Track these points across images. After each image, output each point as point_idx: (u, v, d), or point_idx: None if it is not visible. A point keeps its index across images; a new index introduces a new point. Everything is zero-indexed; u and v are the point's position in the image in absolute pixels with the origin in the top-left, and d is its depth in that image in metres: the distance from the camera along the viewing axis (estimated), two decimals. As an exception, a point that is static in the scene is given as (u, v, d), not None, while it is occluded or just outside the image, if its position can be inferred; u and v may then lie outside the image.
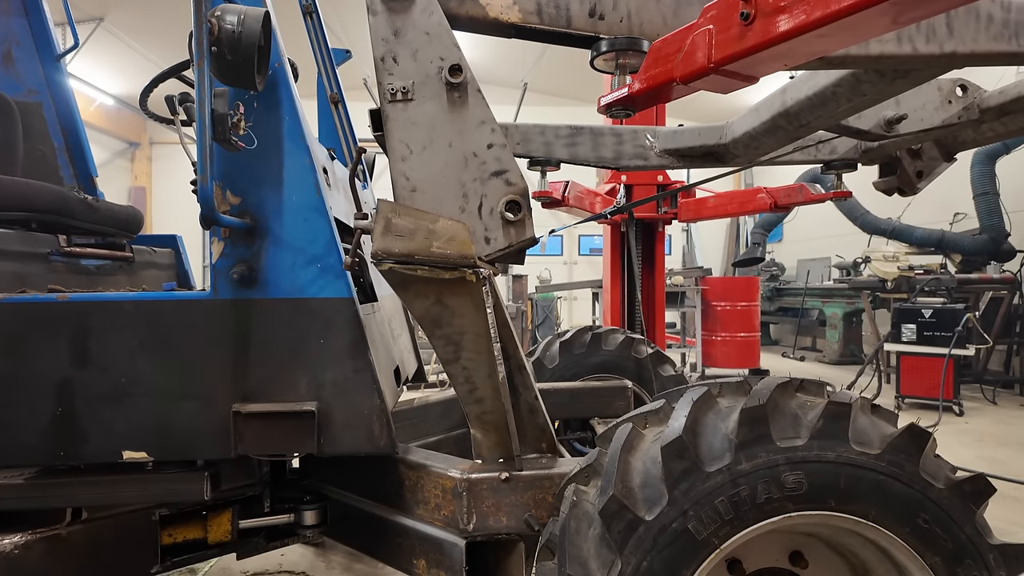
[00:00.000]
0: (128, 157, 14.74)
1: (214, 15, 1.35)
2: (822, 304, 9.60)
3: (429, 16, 1.43)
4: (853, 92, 1.86)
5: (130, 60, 11.65)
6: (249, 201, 1.56)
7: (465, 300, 1.50)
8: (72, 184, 2.70)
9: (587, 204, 3.64)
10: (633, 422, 1.31)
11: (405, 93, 1.43)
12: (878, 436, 1.20)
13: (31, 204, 1.92)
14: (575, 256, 15.10)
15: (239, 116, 1.40)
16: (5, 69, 2.59)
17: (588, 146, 2.94)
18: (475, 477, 1.52)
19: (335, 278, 1.61)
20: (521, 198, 1.50)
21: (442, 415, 2.55)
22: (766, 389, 1.23)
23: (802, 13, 1.02)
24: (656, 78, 1.35)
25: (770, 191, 3.43)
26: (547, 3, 1.49)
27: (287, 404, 1.58)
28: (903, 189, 2.85)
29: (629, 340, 3.06)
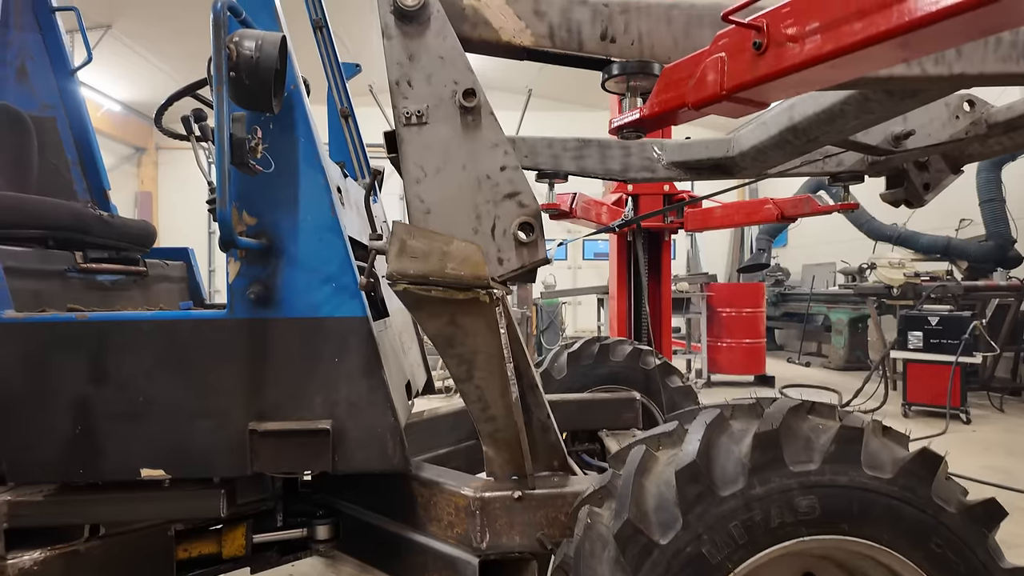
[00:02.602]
0: (135, 162, 14.82)
1: (232, 41, 1.37)
2: (827, 310, 9.58)
3: (443, 40, 1.45)
4: (861, 110, 1.87)
5: (137, 67, 11.73)
6: (265, 222, 1.58)
7: (478, 320, 1.52)
8: (86, 198, 2.73)
9: (594, 215, 3.66)
10: (646, 444, 1.32)
11: (419, 117, 1.45)
12: (890, 460, 1.21)
13: (48, 222, 1.95)
14: (579, 261, 15.10)
15: (257, 140, 1.42)
16: (20, 84, 2.62)
17: (596, 159, 2.95)
18: (488, 496, 1.53)
19: (349, 297, 1.63)
20: (534, 219, 1.52)
21: (452, 427, 2.56)
22: (778, 413, 1.24)
23: (814, 45, 1.03)
24: (668, 103, 1.36)
25: (777, 202, 3.44)
26: (559, 26, 1.51)
27: (302, 422, 1.60)
28: (910, 201, 2.86)
29: (637, 351, 3.07)
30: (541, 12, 1.49)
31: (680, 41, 1.52)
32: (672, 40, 1.52)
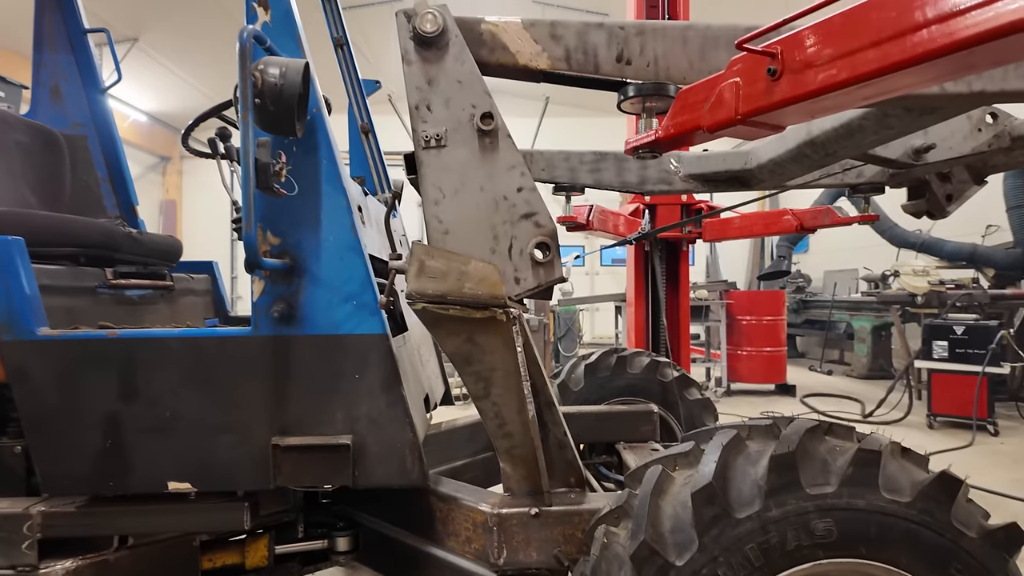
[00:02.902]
0: (160, 171, 15.15)
1: (257, 68, 1.42)
2: (850, 317, 9.44)
3: (461, 65, 1.48)
4: (880, 125, 1.87)
5: (162, 78, 12.01)
6: (288, 242, 1.62)
7: (495, 339, 1.54)
8: (115, 213, 2.81)
9: (611, 226, 3.67)
10: (663, 464, 1.33)
11: (438, 140, 1.48)
12: (909, 483, 1.21)
13: (80, 240, 2.01)
14: (597, 267, 15.08)
15: (281, 164, 1.46)
16: (53, 104, 2.71)
17: (612, 171, 2.97)
18: (505, 512, 1.55)
19: (370, 315, 1.66)
20: (550, 239, 1.54)
21: (469, 439, 2.58)
22: (795, 434, 1.25)
23: (829, 73, 1.04)
24: (683, 125, 1.38)
25: (796, 213, 3.41)
26: (575, 49, 1.53)
27: (323, 437, 1.63)
28: (932, 212, 2.83)
29: (655, 363, 3.07)
30: (558, 36, 1.51)
31: (696, 63, 1.54)
32: (687, 62, 1.53)
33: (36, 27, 2.70)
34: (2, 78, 5.45)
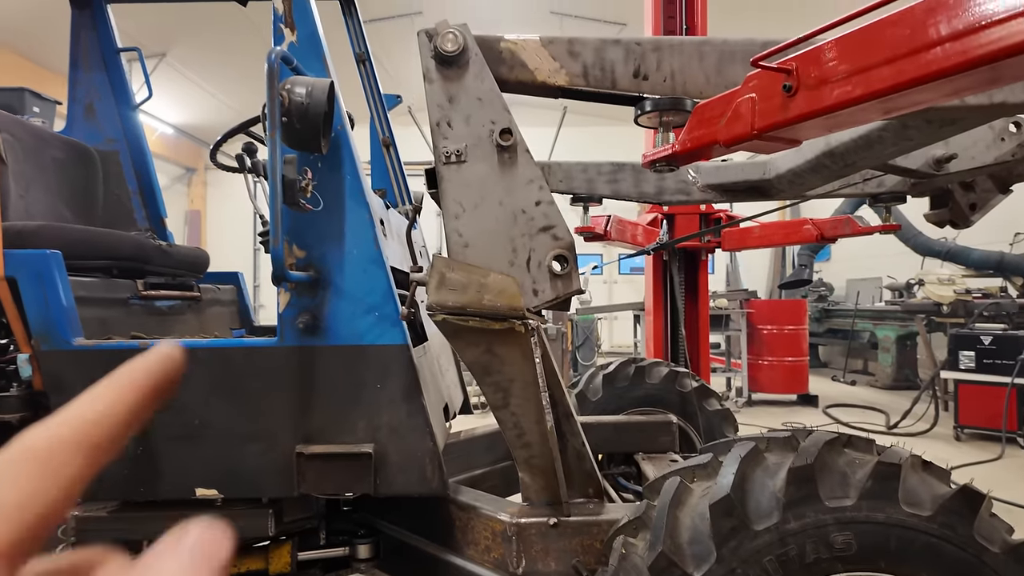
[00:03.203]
0: (185, 182, 15.49)
1: (284, 88, 1.47)
2: (873, 326, 9.29)
3: (481, 83, 1.52)
4: (899, 137, 1.86)
5: (189, 92, 12.30)
6: (313, 255, 1.67)
7: (514, 350, 1.56)
8: (144, 224, 2.89)
9: (629, 236, 3.68)
10: (681, 475, 1.34)
11: (459, 156, 1.52)
12: (929, 497, 1.20)
13: (113, 253, 2.08)
14: (615, 276, 15.04)
15: (307, 180, 1.51)
16: (87, 121, 2.81)
17: (630, 182, 2.98)
18: (524, 522, 1.56)
19: (391, 326, 1.70)
20: (568, 252, 1.56)
21: (488, 448, 2.61)
22: (814, 447, 1.25)
23: (844, 90, 1.05)
24: (700, 140, 1.40)
25: (816, 223, 3.39)
26: (593, 66, 1.56)
27: (346, 446, 1.67)
28: (955, 222, 2.80)
29: (673, 373, 3.07)
30: (575, 53, 1.54)
31: (712, 77, 1.55)
32: (704, 76, 1.55)
33: (72, 47, 2.81)
34: (37, 94, 5.63)
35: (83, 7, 2.76)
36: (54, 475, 0.22)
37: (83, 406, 0.23)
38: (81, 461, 0.22)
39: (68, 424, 0.22)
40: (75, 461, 0.22)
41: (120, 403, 0.23)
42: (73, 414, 0.23)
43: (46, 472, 0.21)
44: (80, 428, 0.22)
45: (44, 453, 0.22)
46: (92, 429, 0.23)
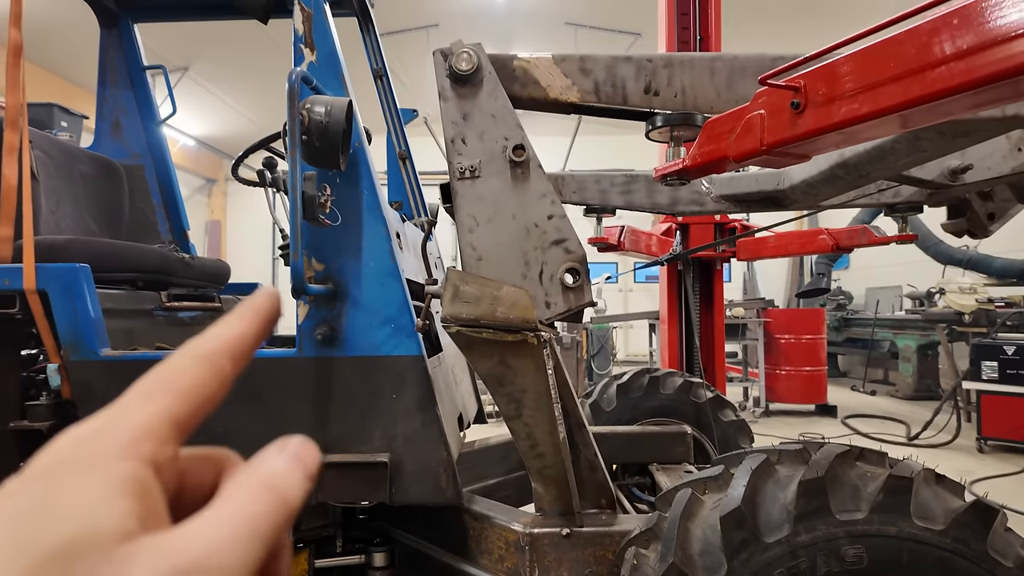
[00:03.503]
0: (206, 193, 15.77)
1: (305, 107, 1.52)
2: (893, 336, 9.16)
3: (495, 100, 1.55)
4: (912, 148, 1.86)
5: (210, 105, 12.56)
6: (331, 268, 1.71)
7: (527, 361, 1.59)
8: (168, 237, 2.97)
9: (643, 246, 3.69)
10: (692, 487, 1.35)
11: (472, 171, 1.55)
12: (942, 511, 1.20)
13: (139, 265, 2.15)
14: (631, 284, 15.01)
15: (326, 196, 1.55)
16: (114, 137, 2.90)
17: (643, 192, 3.00)
18: (537, 532, 1.58)
19: (407, 337, 1.73)
20: (579, 265, 1.59)
21: (502, 457, 2.62)
22: (825, 459, 1.26)
23: (851, 107, 1.07)
24: (710, 154, 1.42)
25: (831, 232, 3.38)
26: (604, 82, 1.59)
27: (362, 455, 1.70)
28: (974, 232, 2.77)
29: (688, 384, 3.06)
30: (587, 70, 1.57)
31: (723, 92, 1.57)
32: (715, 92, 1.57)
33: (100, 65, 2.90)
34: (65, 109, 5.80)
35: (111, 27, 2.85)
36: (215, 372, 0.27)
37: (227, 327, 0.29)
38: (230, 366, 0.28)
39: (220, 338, 0.29)
40: (227, 364, 0.28)
41: (250, 327, 0.30)
42: (222, 331, 0.29)
43: (210, 369, 0.27)
44: (229, 341, 0.29)
45: (209, 355, 0.28)
46: (236, 343, 0.29)
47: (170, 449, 0.26)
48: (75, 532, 0.21)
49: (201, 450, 0.30)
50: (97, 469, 0.23)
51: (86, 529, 0.21)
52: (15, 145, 1.75)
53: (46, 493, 0.22)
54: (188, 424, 0.26)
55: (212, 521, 0.23)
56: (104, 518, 0.22)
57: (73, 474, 0.23)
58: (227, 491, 0.25)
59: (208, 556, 0.22)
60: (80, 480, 0.22)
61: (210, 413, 0.27)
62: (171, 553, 0.21)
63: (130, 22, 2.87)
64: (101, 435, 0.24)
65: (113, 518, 0.22)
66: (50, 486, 0.22)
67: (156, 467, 0.25)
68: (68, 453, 0.24)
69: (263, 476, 0.26)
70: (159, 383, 0.26)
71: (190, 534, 0.22)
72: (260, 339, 0.30)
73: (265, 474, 0.26)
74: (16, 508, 0.22)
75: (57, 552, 0.20)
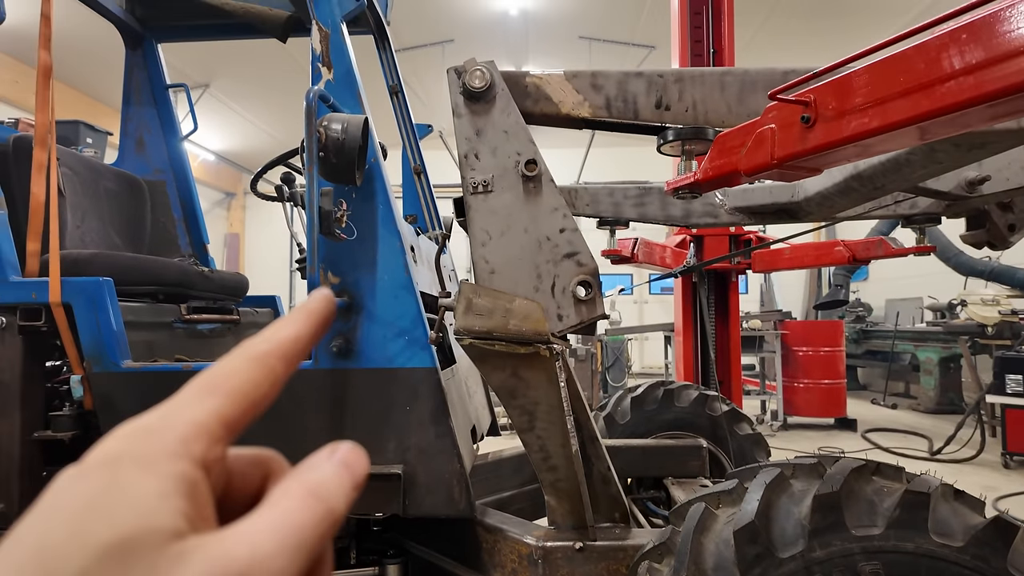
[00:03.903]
0: (225, 206, 16.04)
1: (322, 124, 1.55)
2: (914, 348, 9.00)
3: (507, 116, 1.57)
4: (928, 160, 1.85)
5: (230, 120, 12.81)
6: (347, 281, 1.74)
7: (539, 373, 1.60)
8: (188, 250, 3.03)
9: (657, 258, 3.68)
10: (706, 502, 1.34)
11: (486, 186, 1.57)
12: (961, 527, 1.18)
13: (160, 279, 2.20)
14: (646, 296, 14.94)
15: (342, 211, 1.58)
16: (138, 154, 2.98)
17: (657, 205, 3.00)
18: (550, 545, 1.58)
19: (420, 349, 1.75)
20: (592, 278, 1.59)
21: (515, 470, 2.62)
22: (840, 474, 1.24)
23: (861, 122, 1.07)
24: (721, 168, 1.42)
25: (848, 244, 3.35)
26: (616, 98, 1.61)
27: (376, 467, 1.71)
28: (993, 243, 2.73)
29: (703, 397, 3.04)
30: (598, 86, 1.59)
31: (734, 106, 1.58)
32: (726, 106, 1.58)
33: (125, 84, 2.99)
34: (91, 126, 5.96)
35: (136, 47, 2.94)
36: (267, 373, 0.28)
37: (280, 329, 0.29)
38: (282, 367, 0.28)
39: (273, 340, 0.29)
40: (279, 366, 0.28)
41: (303, 329, 0.30)
42: (276, 334, 0.29)
43: (263, 370, 0.28)
44: (281, 343, 0.29)
45: (262, 357, 0.28)
46: (289, 345, 0.29)
47: (220, 449, 0.26)
48: (130, 529, 0.21)
49: (248, 451, 0.31)
50: (151, 466, 0.23)
51: (141, 526, 0.22)
52: (44, 163, 1.81)
53: (102, 487, 0.22)
54: (238, 424, 0.27)
55: (259, 528, 0.23)
56: (158, 516, 0.22)
57: (128, 470, 0.23)
58: (274, 498, 0.25)
59: (253, 564, 0.22)
60: (135, 476, 0.23)
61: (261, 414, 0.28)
62: (220, 558, 0.22)
63: (154, 42, 2.95)
64: (155, 432, 0.25)
65: (167, 517, 0.22)
66: (105, 480, 0.23)
67: (206, 466, 0.25)
68: (124, 448, 0.24)
69: (310, 484, 0.26)
70: (212, 383, 0.27)
71: (238, 540, 0.23)
72: (313, 342, 0.30)
73: (312, 482, 0.26)
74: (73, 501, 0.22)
75: (112, 548, 0.21)
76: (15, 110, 8.74)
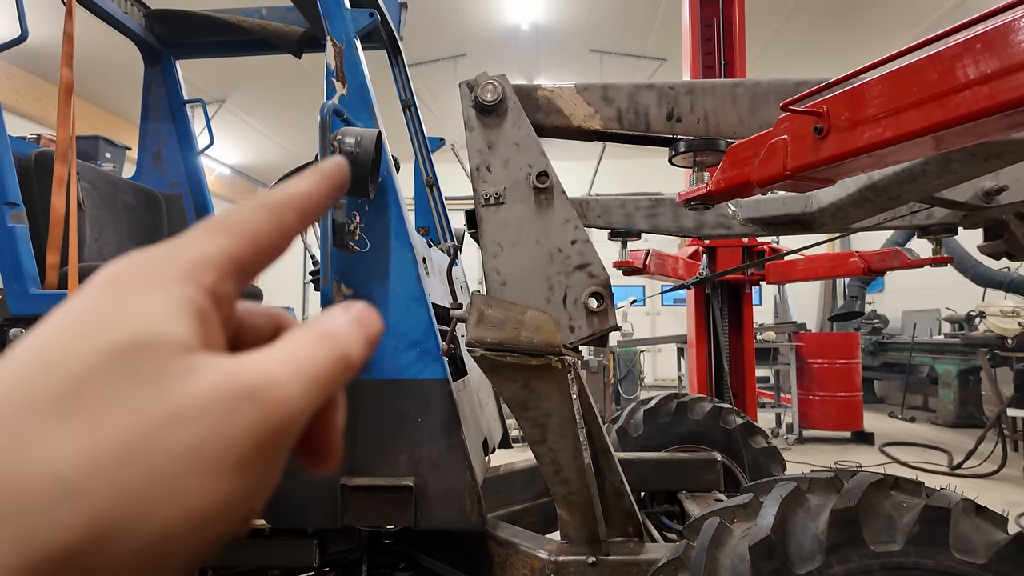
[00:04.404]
0: (240, 220, 16.22)
1: (336, 138, 1.57)
2: (932, 360, 8.86)
3: (519, 129, 1.59)
4: (944, 170, 1.84)
5: (245, 135, 13.00)
6: (360, 292, 1.75)
7: (551, 385, 1.59)
8: (203, 263, 3.06)
9: (669, 270, 3.67)
10: (721, 516, 1.32)
11: (497, 198, 1.58)
12: (983, 543, 1.16)
13: (176, 290, 2.22)
14: (658, 307, 14.86)
15: (355, 224, 1.60)
16: (155, 168, 3.03)
17: (669, 216, 2.99)
18: (563, 560, 1.57)
19: (432, 361, 1.75)
20: (603, 289, 1.59)
21: (527, 483, 2.60)
22: (858, 488, 1.22)
23: (874, 132, 1.07)
24: (733, 179, 1.42)
25: (863, 255, 3.32)
26: (627, 110, 1.61)
27: (388, 479, 1.71)
28: (1012, 254, 2.70)
29: (717, 409, 3.01)
30: (609, 98, 1.60)
31: (746, 118, 1.58)
32: (738, 117, 1.58)
33: (144, 100, 3.04)
34: (110, 141, 6.07)
35: (154, 64, 3.00)
36: (278, 221, 0.27)
37: (295, 184, 0.29)
38: (294, 218, 0.28)
39: (287, 192, 0.28)
40: (292, 217, 0.28)
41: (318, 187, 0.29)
42: (290, 187, 0.29)
43: (275, 218, 0.27)
44: (296, 196, 0.28)
45: (275, 205, 0.27)
46: (303, 198, 0.28)
47: (229, 285, 0.25)
48: (141, 333, 0.20)
49: (260, 306, 0.30)
50: (160, 285, 0.22)
51: (150, 332, 0.21)
52: (64, 177, 1.84)
53: (109, 298, 0.22)
54: (249, 266, 0.26)
55: (274, 357, 0.23)
56: (169, 326, 0.21)
57: (137, 286, 0.22)
58: (289, 336, 0.24)
59: (269, 385, 0.21)
60: (144, 291, 0.22)
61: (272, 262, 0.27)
62: (232, 373, 0.21)
63: (172, 59, 3.01)
64: (163, 259, 0.24)
65: (177, 328, 0.21)
66: (115, 293, 0.22)
67: (215, 299, 0.24)
68: (131, 269, 0.23)
69: (325, 332, 0.25)
70: (223, 223, 0.26)
71: (252, 361, 0.22)
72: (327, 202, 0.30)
73: (328, 328, 0.25)
74: (77, 308, 0.21)
75: (119, 351, 0.20)
76: (38, 126, 8.93)
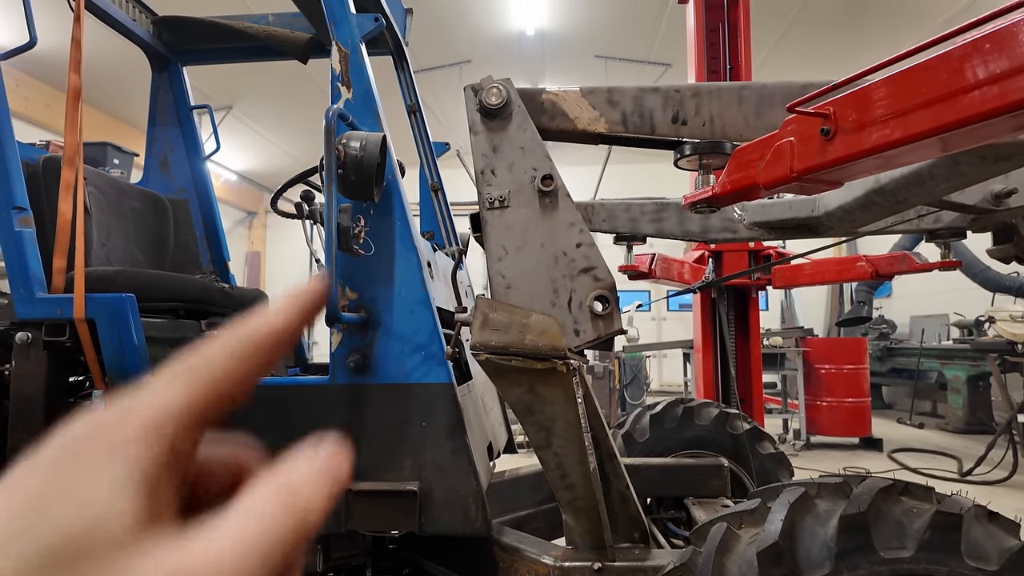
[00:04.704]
0: (246, 225, 16.29)
1: (341, 142, 1.57)
2: (941, 366, 8.78)
3: (524, 132, 1.58)
4: (952, 173, 1.82)
5: (252, 141, 13.07)
6: (364, 296, 1.75)
7: (556, 389, 1.58)
8: (209, 267, 3.08)
9: (675, 274, 3.65)
10: (728, 522, 1.31)
11: (502, 201, 1.58)
12: (996, 550, 1.14)
13: (181, 295, 2.23)
14: (664, 312, 14.81)
15: (360, 228, 1.60)
16: (162, 173, 3.04)
17: (674, 220, 2.98)
18: (568, 566, 1.55)
19: (437, 365, 1.75)
20: (609, 292, 1.58)
21: (532, 488, 2.59)
22: (867, 494, 1.21)
23: (882, 133, 1.06)
24: (740, 182, 1.41)
25: (870, 259, 3.30)
26: (632, 113, 1.61)
27: (392, 483, 1.70)
28: (1021, 258, 2.67)
29: (724, 415, 2.99)
30: (614, 101, 1.60)
31: (752, 120, 1.57)
32: (743, 120, 1.58)
33: (151, 106, 3.07)
34: (118, 147, 6.12)
35: (162, 70, 3.02)
36: (245, 365, 0.27)
37: (265, 320, 0.28)
38: (264, 357, 0.27)
39: (256, 330, 0.27)
40: (260, 355, 0.27)
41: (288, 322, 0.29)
42: (260, 324, 0.28)
43: (241, 362, 0.26)
44: (264, 334, 0.27)
45: (241, 347, 0.27)
46: (271, 337, 0.28)
47: (189, 437, 0.25)
48: (77, 531, 0.20)
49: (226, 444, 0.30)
50: (110, 454, 0.22)
51: (88, 528, 0.21)
52: (71, 182, 1.85)
53: (53, 483, 0.21)
54: (211, 414, 0.25)
55: (223, 534, 0.22)
56: (109, 516, 0.21)
57: (82, 462, 0.22)
58: (245, 501, 0.23)
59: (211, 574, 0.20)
60: (89, 469, 0.22)
61: (236, 406, 0.27)
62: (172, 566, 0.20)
63: (179, 65, 3.03)
64: (118, 419, 0.23)
65: (118, 516, 0.21)
66: (58, 475, 0.22)
67: (174, 454, 0.24)
68: (82, 436, 0.23)
69: (285, 488, 0.24)
70: (185, 370, 0.25)
71: (197, 546, 0.21)
72: (297, 335, 0.29)
73: (288, 486, 0.24)
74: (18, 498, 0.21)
75: (55, 552, 0.20)
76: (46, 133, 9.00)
